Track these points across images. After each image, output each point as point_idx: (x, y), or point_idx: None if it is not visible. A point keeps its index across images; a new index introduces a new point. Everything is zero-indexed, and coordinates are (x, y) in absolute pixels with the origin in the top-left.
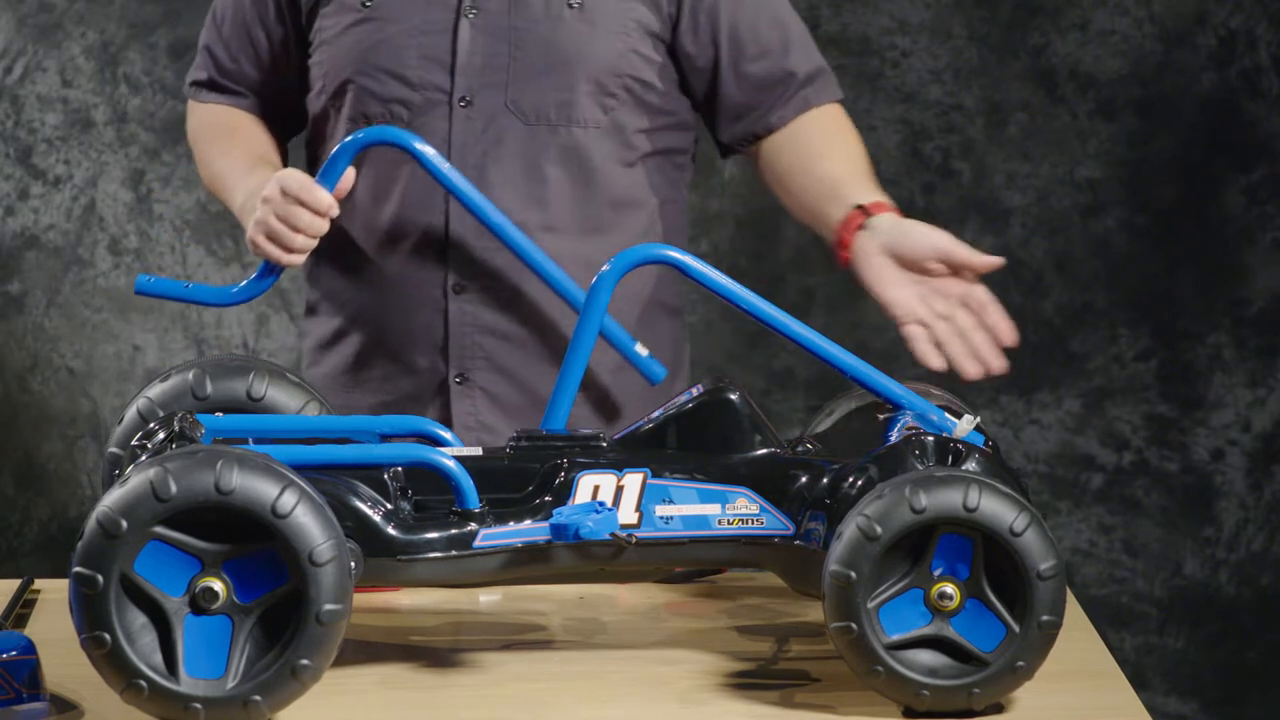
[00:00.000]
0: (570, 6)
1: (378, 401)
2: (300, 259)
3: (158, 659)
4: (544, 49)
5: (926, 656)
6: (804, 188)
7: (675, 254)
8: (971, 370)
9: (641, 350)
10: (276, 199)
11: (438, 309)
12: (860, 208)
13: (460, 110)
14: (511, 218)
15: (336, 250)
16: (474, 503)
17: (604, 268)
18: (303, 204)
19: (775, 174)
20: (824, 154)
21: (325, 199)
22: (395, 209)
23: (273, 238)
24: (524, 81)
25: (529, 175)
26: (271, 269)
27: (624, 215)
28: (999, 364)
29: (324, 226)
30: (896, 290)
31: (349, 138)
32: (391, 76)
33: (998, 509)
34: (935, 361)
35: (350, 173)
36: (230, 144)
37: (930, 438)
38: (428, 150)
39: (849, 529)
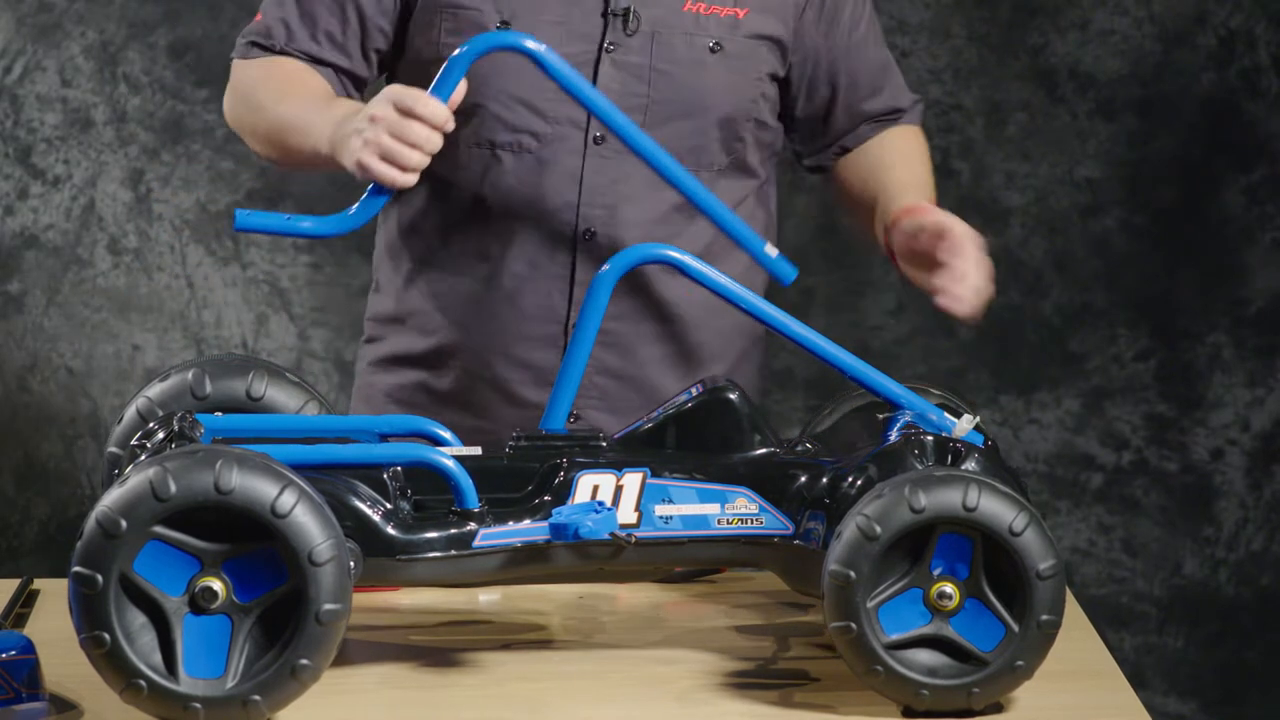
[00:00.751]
0: (712, 50)
1: (474, 426)
2: (414, 179)
3: (157, 659)
4: (682, 92)
5: (926, 656)
6: (864, 197)
7: (675, 253)
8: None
9: (771, 251)
10: (390, 116)
11: (556, 347)
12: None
13: (594, 147)
14: None
15: (452, 273)
16: (473, 502)
17: (604, 267)
18: (417, 117)
19: (844, 187)
20: (892, 164)
21: (442, 111)
22: (523, 249)
23: (387, 157)
24: (659, 124)
25: (657, 216)
26: (381, 190)
27: (736, 247)
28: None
29: (439, 142)
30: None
31: (458, 50)
32: (524, 106)
33: (997, 508)
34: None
35: (463, 85)
36: (292, 89)
37: (929, 437)
38: (540, 49)
39: (848, 529)
